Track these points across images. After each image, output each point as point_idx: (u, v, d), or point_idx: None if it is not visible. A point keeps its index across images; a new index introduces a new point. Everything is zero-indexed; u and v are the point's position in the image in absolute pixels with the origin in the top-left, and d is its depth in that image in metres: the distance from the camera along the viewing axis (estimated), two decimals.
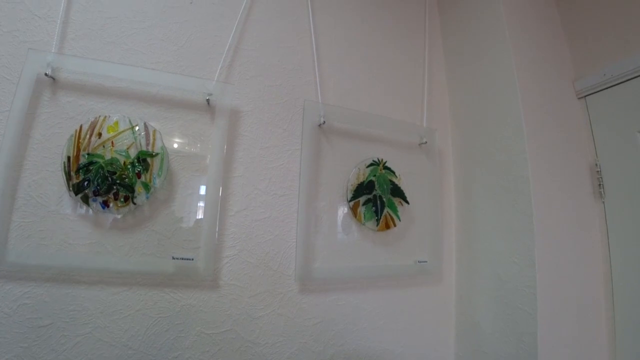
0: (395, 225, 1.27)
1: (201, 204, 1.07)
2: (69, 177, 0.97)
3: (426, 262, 1.32)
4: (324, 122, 1.21)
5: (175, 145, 1.08)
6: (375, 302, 1.26)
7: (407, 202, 1.30)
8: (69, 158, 0.97)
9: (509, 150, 1.26)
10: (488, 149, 1.32)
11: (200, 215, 1.06)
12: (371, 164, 1.27)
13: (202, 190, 1.08)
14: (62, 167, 0.97)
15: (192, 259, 1.03)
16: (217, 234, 1.08)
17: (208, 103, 1.11)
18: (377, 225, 1.25)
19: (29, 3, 1.09)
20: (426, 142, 1.38)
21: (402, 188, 1.30)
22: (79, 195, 0.97)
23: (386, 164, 1.29)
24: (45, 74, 1.02)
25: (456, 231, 1.44)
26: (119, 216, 1.02)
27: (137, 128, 1.03)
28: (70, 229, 1.00)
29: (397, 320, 1.29)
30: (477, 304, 1.31)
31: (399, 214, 1.28)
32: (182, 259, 1.02)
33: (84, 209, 1.00)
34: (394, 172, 1.30)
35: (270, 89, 1.24)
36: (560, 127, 1.31)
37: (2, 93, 1.03)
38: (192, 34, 1.21)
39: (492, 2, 1.37)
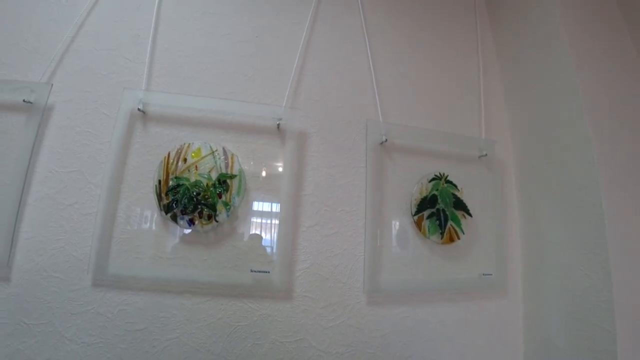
0: (459, 238, 1.29)
1: (275, 220, 1.16)
2: (160, 199, 1.09)
3: (491, 275, 1.32)
4: (386, 140, 1.27)
5: (251, 167, 1.18)
6: (441, 315, 1.28)
7: (470, 214, 1.32)
8: (159, 181, 1.10)
9: (575, 159, 1.23)
10: (552, 157, 1.31)
11: (275, 231, 1.15)
12: (433, 179, 1.31)
13: (276, 207, 1.16)
14: (154, 189, 1.10)
15: (268, 272, 1.11)
16: (290, 248, 1.15)
17: (278, 127, 1.21)
18: (441, 239, 1.27)
19: (121, 49, 1.26)
20: (486, 155, 1.39)
21: (465, 201, 1.32)
22: (169, 214, 1.09)
23: (448, 178, 1.32)
24: (138, 109, 1.15)
25: (521, 243, 1.43)
26: (203, 232, 1.13)
27: (217, 153, 1.13)
28: (161, 244, 1.12)
29: (463, 334, 1.29)
30: (548, 319, 1.28)
31: (463, 227, 1.30)
32: (259, 271, 1.11)
33: (172, 226, 1.11)
34: (455, 186, 1.32)
35: (334, 110, 1.32)
36: (631, 129, 1.26)
37: (103, 127, 1.18)
38: (260, 65, 1.33)
39: (546, 6, 1.36)
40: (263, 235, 1.15)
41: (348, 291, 1.19)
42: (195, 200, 1.09)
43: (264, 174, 1.18)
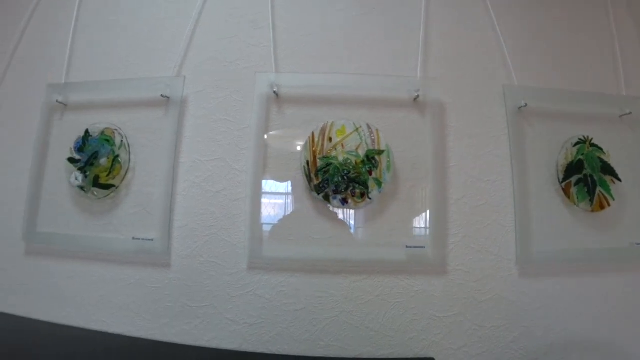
0: (609, 205, 1.21)
1: (424, 194, 1.13)
2: (309, 180, 1.08)
3: None
4: (526, 104, 1.19)
5: (394, 142, 1.14)
6: (594, 287, 1.21)
7: (619, 179, 1.23)
8: (307, 162, 1.09)
9: None
10: None
11: (425, 205, 1.12)
12: (578, 143, 1.23)
13: (423, 181, 1.14)
14: (303, 170, 1.10)
15: (424, 247, 1.08)
16: (442, 222, 1.12)
17: (415, 99, 1.16)
18: (591, 206, 1.20)
19: (242, 35, 1.27)
20: (630, 113, 1.28)
21: (612, 164, 1.23)
22: (321, 195, 1.08)
23: (592, 141, 1.23)
24: (274, 92, 1.14)
25: None
26: (357, 211, 1.14)
27: (361, 129, 1.11)
28: (313, 225, 1.13)
29: (618, 308, 1.22)
30: None
31: (612, 192, 1.21)
32: (415, 247, 1.08)
33: (323, 206, 1.11)
34: (601, 149, 1.24)
35: (466, 78, 1.26)
36: None
37: (238, 113, 1.20)
38: (382, 37, 1.29)
39: None
40: (414, 210, 1.12)
41: (500, 263, 1.16)
42: (346, 179, 1.07)
43: (407, 147, 1.15)
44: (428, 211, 1.12)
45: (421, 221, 1.12)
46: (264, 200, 1.13)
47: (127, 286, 1.18)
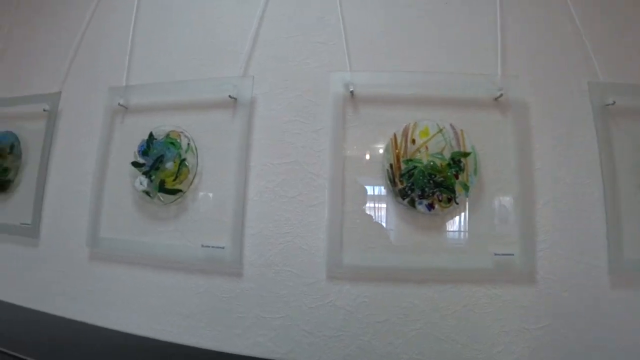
0: None
1: (510, 198, 1.06)
2: (393, 184, 1.02)
3: None
4: (614, 102, 1.12)
5: (476, 143, 1.08)
6: None
7: None
8: (391, 165, 1.03)
9: None
10: None
11: (512, 209, 1.07)
12: None
13: (508, 184, 1.09)
14: (386, 174, 1.04)
15: (513, 254, 1.02)
16: (531, 227, 1.08)
17: (497, 99, 1.10)
18: None
19: (308, 34, 1.21)
20: None
21: None
22: (406, 200, 1.02)
23: None
24: (350, 92, 1.08)
25: None
26: (439, 217, 1.09)
27: (445, 130, 1.05)
28: (395, 231, 1.06)
29: None
30: None
31: None
32: (504, 254, 1.02)
33: (405, 211, 1.05)
34: None
35: (547, 75, 1.19)
36: None
37: (311, 114, 1.16)
38: (455, 33, 1.22)
39: None
40: (501, 214, 1.06)
41: (590, 272, 1.09)
42: (432, 183, 1.01)
43: (489, 149, 1.09)
44: (515, 216, 1.04)
45: (508, 227, 1.05)
46: (343, 206, 1.06)
47: (195, 295, 1.13)
